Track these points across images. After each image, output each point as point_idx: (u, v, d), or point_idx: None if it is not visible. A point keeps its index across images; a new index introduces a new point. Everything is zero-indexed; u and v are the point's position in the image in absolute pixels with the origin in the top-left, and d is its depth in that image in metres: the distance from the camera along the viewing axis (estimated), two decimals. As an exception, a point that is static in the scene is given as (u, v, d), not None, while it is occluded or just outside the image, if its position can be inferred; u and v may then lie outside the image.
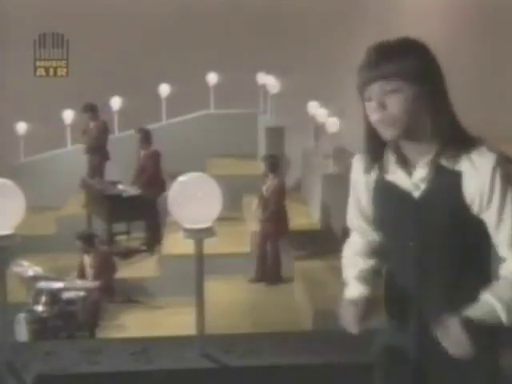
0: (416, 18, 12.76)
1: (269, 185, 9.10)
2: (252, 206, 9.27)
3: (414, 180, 2.20)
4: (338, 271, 2.59)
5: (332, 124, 10.61)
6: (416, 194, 2.20)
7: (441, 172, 2.16)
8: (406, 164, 2.21)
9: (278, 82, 12.08)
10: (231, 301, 8.44)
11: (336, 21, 12.89)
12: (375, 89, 2.11)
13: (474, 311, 2.10)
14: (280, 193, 9.11)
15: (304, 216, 10.20)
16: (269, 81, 12.31)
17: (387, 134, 2.14)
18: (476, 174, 2.11)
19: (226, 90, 12.19)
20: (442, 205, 2.17)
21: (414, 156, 2.20)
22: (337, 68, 11.79)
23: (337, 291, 2.53)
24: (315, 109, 11.47)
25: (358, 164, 2.35)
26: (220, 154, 11.89)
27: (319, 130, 11.54)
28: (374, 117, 2.13)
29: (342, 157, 10.41)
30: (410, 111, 2.10)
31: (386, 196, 2.28)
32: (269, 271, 8.95)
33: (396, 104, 2.09)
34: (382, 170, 2.26)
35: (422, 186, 2.19)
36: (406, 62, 2.09)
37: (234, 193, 7.38)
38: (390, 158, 2.24)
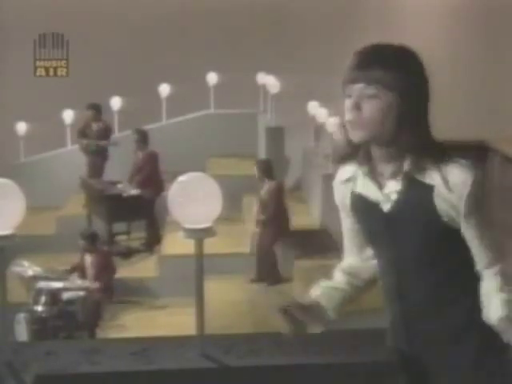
0: (416, 18, 12.77)
1: (266, 189, 9.10)
2: (252, 210, 9.26)
3: (385, 192, 2.21)
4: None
5: (332, 124, 10.60)
6: (386, 206, 2.21)
7: (412, 184, 2.16)
8: (377, 176, 2.23)
9: (277, 82, 12.07)
10: (231, 301, 8.43)
11: (336, 21, 12.90)
12: (355, 89, 2.14)
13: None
14: (278, 195, 9.10)
15: (304, 216, 10.19)
16: (269, 81, 12.30)
17: (355, 135, 2.16)
18: (448, 190, 2.11)
19: (226, 90, 12.18)
20: (412, 217, 2.18)
21: (385, 168, 2.21)
22: (337, 68, 11.77)
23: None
24: (315, 109, 11.47)
25: (339, 178, 2.36)
26: (220, 154, 11.88)
27: (319, 129, 11.54)
28: (347, 116, 2.16)
29: (342, 157, 10.39)
30: (383, 119, 2.12)
31: (359, 208, 2.30)
32: (269, 271, 8.95)
33: (370, 109, 2.12)
34: (354, 182, 2.29)
35: (393, 198, 2.20)
36: (390, 70, 2.11)
37: (234, 193, 7.37)
38: (361, 170, 2.26)
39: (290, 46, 12.71)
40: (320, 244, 9.08)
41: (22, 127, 12.45)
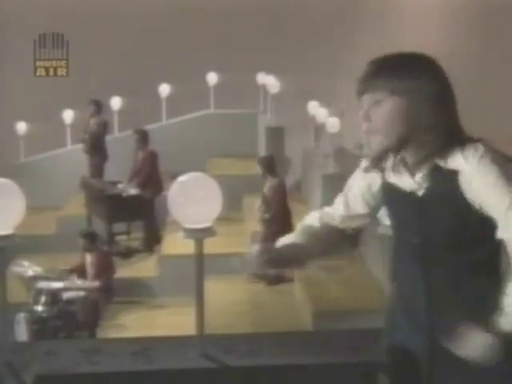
0: (416, 18, 12.76)
1: (269, 186, 9.08)
2: (254, 207, 9.25)
3: (416, 179, 2.25)
4: (338, 271, 2.60)
5: (332, 124, 10.60)
6: (420, 192, 2.25)
7: (438, 172, 2.21)
8: (408, 166, 2.27)
9: (277, 82, 12.07)
10: (231, 301, 8.43)
11: (336, 21, 12.89)
12: (363, 100, 2.23)
13: (502, 323, 2.11)
14: (281, 192, 9.08)
15: (304, 216, 10.17)
16: (269, 81, 12.30)
17: (372, 145, 2.23)
18: (472, 173, 2.15)
19: (226, 89, 12.19)
20: (443, 203, 2.21)
21: (414, 158, 2.25)
22: (337, 68, 11.79)
23: (336, 291, 2.54)
24: (315, 109, 11.46)
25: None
26: (220, 154, 11.88)
27: (319, 129, 11.54)
28: (362, 128, 2.23)
29: (342, 157, 10.40)
30: (394, 123, 2.17)
31: (392, 198, 2.35)
32: (269, 271, 8.94)
33: (378, 115, 2.18)
34: (386, 173, 2.34)
35: (425, 185, 2.24)
36: (393, 76, 2.17)
37: (234, 193, 7.36)
38: (393, 161, 2.30)
39: (290, 46, 12.71)
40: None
41: (22, 127, 12.47)
